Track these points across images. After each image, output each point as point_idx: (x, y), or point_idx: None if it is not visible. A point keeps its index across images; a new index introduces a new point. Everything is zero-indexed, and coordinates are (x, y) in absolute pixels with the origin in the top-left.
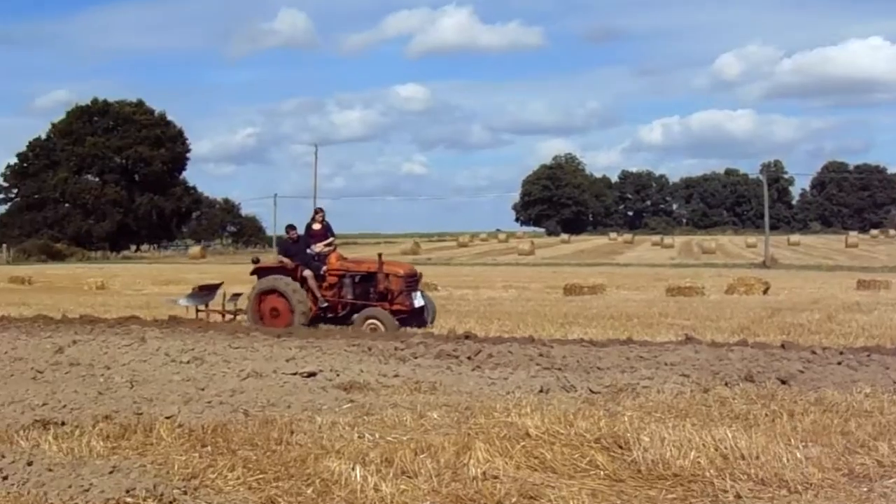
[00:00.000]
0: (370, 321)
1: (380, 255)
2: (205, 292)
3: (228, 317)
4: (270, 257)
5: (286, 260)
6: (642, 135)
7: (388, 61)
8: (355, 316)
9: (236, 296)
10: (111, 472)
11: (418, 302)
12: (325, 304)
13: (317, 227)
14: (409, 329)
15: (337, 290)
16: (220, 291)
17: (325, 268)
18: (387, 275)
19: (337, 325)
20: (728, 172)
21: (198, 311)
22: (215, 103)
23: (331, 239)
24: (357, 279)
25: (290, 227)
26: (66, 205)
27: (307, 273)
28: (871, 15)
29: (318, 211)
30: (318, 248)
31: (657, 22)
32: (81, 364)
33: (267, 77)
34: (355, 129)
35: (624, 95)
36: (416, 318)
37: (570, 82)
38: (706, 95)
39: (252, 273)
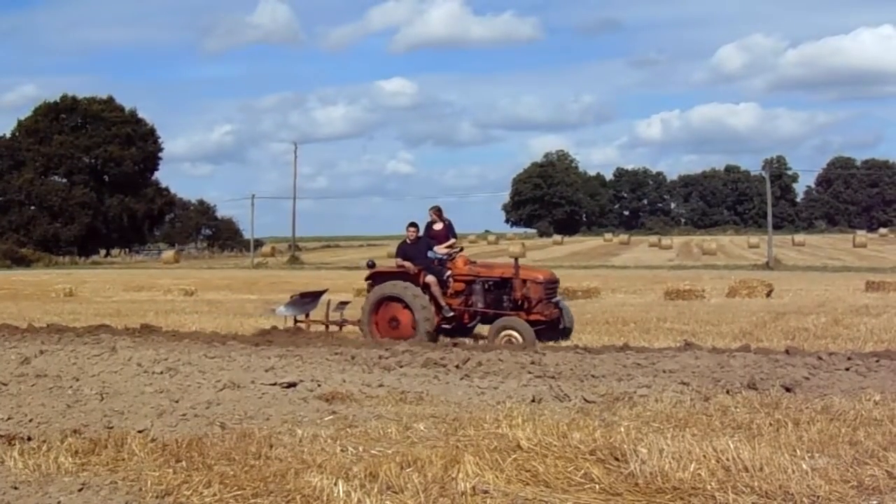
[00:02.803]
0: (506, 332)
1: (516, 259)
2: (306, 300)
3: (333, 328)
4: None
5: (408, 264)
6: (639, 130)
7: (373, 55)
8: (487, 326)
9: (343, 304)
10: (80, 490)
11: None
12: (451, 314)
13: (438, 226)
14: (548, 342)
15: (465, 297)
16: (323, 299)
17: (448, 273)
18: (524, 281)
19: (458, 336)
20: (729, 169)
21: (296, 321)
22: (190, 100)
23: (453, 241)
24: (489, 286)
25: (411, 225)
26: (32, 207)
27: (430, 279)
28: (881, 2)
29: (436, 209)
30: (441, 250)
31: (655, 12)
32: (49, 376)
33: (246, 72)
34: (338, 126)
35: (620, 89)
36: (553, 328)
37: (565, 76)
38: (707, 89)
39: (367, 279)
